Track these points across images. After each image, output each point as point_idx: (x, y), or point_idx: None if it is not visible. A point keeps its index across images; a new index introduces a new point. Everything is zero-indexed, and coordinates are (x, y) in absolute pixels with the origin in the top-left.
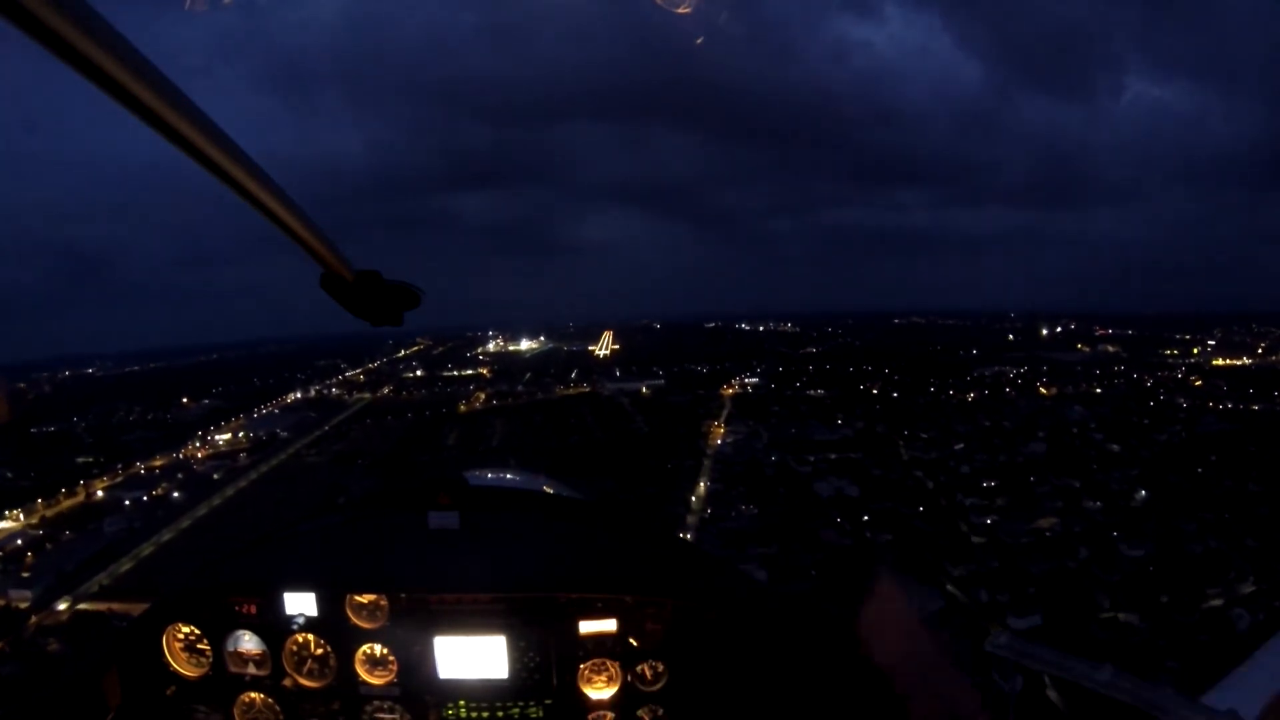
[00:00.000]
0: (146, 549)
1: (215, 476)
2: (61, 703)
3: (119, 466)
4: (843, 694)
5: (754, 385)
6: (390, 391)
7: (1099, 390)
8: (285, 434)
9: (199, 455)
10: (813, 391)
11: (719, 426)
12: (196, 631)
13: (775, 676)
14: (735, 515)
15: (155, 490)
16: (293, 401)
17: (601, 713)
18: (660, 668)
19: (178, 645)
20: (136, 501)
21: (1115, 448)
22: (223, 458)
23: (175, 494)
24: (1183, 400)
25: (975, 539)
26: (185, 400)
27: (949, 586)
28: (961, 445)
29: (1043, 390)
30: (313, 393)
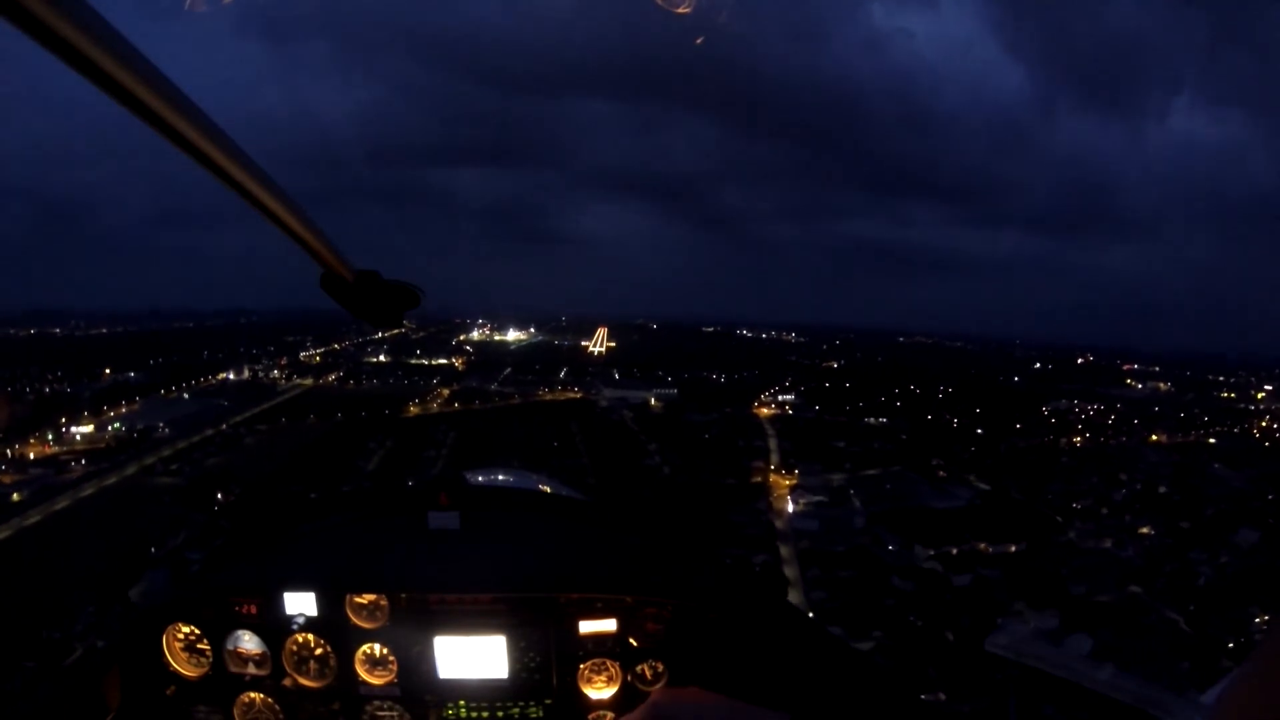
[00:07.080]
0: None
1: (15, 497)
2: (61, 703)
3: None
4: (840, 694)
5: (792, 405)
6: (336, 379)
7: (1212, 440)
8: (166, 431)
9: (30, 456)
10: (871, 419)
11: (778, 474)
12: (196, 631)
13: (775, 677)
14: None
15: None
16: (217, 383)
17: (601, 713)
18: (660, 668)
19: (178, 645)
20: None
21: None
22: (53, 464)
23: None
24: None
25: None
26: (106, 371)
27: None
28: (1148, 528)
29: (1154, 438)
30: (248, 374)
